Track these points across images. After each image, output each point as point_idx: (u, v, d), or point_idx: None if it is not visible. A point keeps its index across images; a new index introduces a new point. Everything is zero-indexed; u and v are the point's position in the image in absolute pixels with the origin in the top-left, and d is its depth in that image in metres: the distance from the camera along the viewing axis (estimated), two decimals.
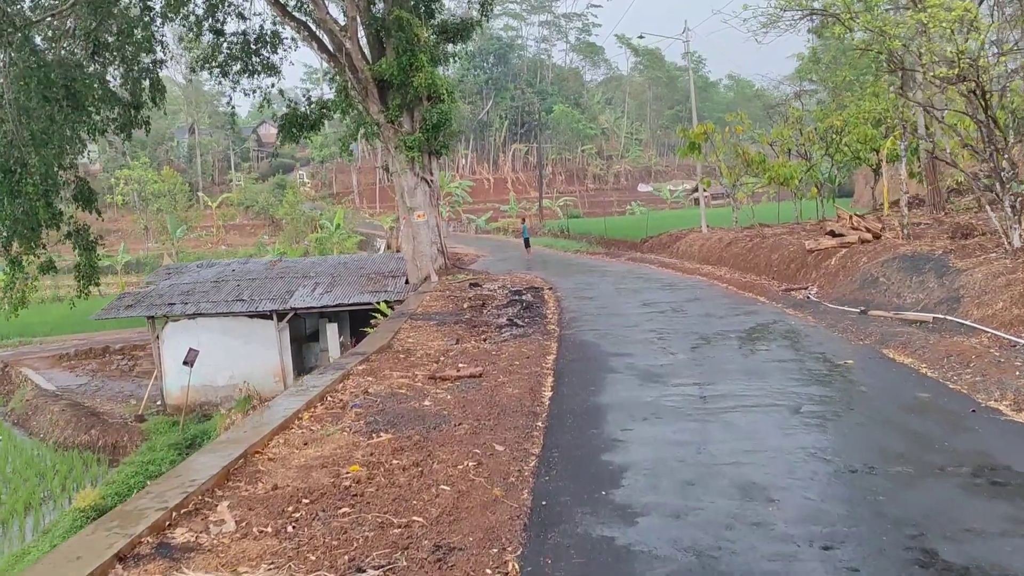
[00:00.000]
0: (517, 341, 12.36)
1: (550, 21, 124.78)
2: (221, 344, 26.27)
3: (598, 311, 15.98)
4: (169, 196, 75.37)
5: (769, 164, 30.09)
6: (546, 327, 14.07)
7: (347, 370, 9.68)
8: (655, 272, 25.45)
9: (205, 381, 26.26)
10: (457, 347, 12.10)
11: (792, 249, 21.07)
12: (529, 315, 15.61)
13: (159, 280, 30.17)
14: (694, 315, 14.65)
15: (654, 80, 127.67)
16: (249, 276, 29.29)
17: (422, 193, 27.29)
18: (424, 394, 8.60)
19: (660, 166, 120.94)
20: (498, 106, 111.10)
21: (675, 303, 16.56)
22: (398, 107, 26.39)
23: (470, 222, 77.48)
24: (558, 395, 8.71)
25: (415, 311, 16.67)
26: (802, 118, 34.53)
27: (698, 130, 28.93)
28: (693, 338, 12.08)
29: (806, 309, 14.79)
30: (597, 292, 19.77)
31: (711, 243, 27.95)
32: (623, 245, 38.89)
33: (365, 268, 30.21)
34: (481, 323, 14.70)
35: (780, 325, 13.11)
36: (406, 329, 13.98)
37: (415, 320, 15.29)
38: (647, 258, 31.17)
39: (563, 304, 17.54)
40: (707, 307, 15.82)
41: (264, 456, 6.40)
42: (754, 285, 19.40)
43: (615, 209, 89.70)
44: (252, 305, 26.14)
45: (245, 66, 29.65)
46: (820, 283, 17.77)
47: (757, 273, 21.81)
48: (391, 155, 27.39)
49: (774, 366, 9.72)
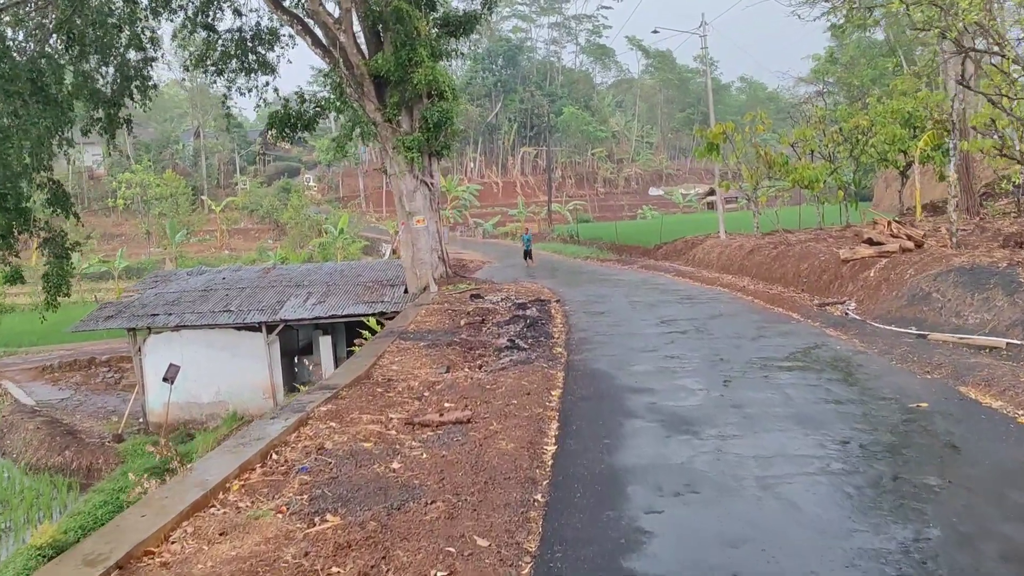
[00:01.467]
0: (518, 369, 10.57)
1: (560, 23, 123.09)
2: (206, 358, 24.59)
3: (611, 330, 14.17)
4: (171, 200, 73.89)
5: (792, 166, 28.23)
6: (552, 350, 12.27)
7: (307, 412, 7.92)
8: (671, 282, 23.61)
9: (189, 398, 24.58)
10: (447, 377, 10.33)
11: (823, 258, 19.20)
12: (533, 335, 13.82)
13: (145, 288, 28.54)
14: (721, 336, 12.82)
15: (665, 82, 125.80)
16: (239, 285, 27.61)
17: (422, 197, 25.56)
18: (395, 450, 6.82)
19: (671, 170, 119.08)
20: (507, 109, 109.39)
21: (697, 320, 14.74)
22: (396, 105, 24.71)
23: (477, 226, 75.78)
24: (564, 451, 6.91)
25: (406, 328, 14.90)
26: (825, 117, 32.66)
27: (716, 130, 27.09)
28: (724, 367, 10.26)
29: (849, 329, 12.93)
30: (609, 306, 17.97)
31: (731, 250, 26.10)
32: (635, 251, 37.07)
33: (362, 276, 28.49)
34: (478, 344, 12.92)
35: (824, 351, 11.27)
36: (392, 352, 12.22)
37: (404, 340, 13.52)
38: (661, 266, 29.33)
39: (571, 320, 15.74)
40: (734, 326, 13.99)
41: (156, 560, 4.62)
42: (783, 298, 17.54)
43: (626, 213, 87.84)
44: (240, 316, 24.44)
45: (242, 64, 28.19)
46: (859, 297, 15.91)
47: (784, 284, 19.96)
48: (389, 156, 25.70)
49: (830, 410, 7.89)
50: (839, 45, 68.86)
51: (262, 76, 28.17)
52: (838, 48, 67.63)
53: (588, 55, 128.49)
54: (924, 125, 29.72)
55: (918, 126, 29.97)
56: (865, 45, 65.90)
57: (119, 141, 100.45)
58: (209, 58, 28.03)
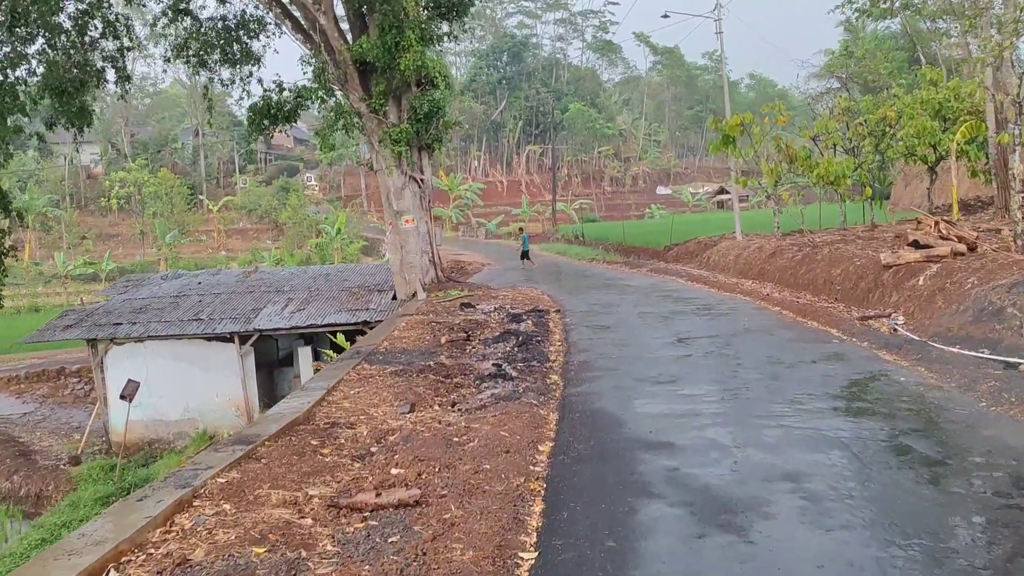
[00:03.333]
0: (500, 409, 8.33)
1: (566, 19, 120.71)
2: (174, 372, 22.43)
3: (617, 351, 11.90)
4: (166, 199, 71.82)
5: (815, 161, 25.90)
6: (545, 379, 10.03)
7: (194, 488, 5.69)
8: (685, 288, 21.33)
9: (155, 415, 22.45)
10: (408, 419, 8.11)
11: (859, 263, 16.89)
12: (525, 357, 11.57)
13: (114, 294, 26.43)
14: (752, 361, 10.54)
15: (673, 79, 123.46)
16: (215, 291, 25.44)
17: (411, 194, 23.38)
18: (298, 560, 4.58)
19: (679, 168, 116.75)
20: (512, 106, 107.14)
21: (719, 339, 12.47)
22: (382, 94, 22.54)
23: (480, 226, 73.55)
24: (547, 564, 4.66)
25: (376, 347, 12.68)
26: (849, 109, 30.29)
27: (733, 121, 24.78)
28: (762, 410, 8.00)
29: (908, 352, 10.65)
30: (615, 318, 15.69)
31: (749, 253, 23.80)
32: (644, 253, 34.78)
33: (349, 281, 26.30)
34: (457, 370, 10.68)
35: (885, 384, 9.00)
36: (350, 382, 10.00)
37: (371, 363, 11.30)
38: (672, 269, 27.04)
39: (572, 337, 13.48)
40: (765, 345, 11.71)
41: None
42: (815, 310, 15.25)
43: (633, 213, 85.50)
44: (210, 326, 22.26)
45: (225, 55, 26.11)
46: (907, 310, 13.61)
47: (813, 292, 17.66)
48: (375, 150, 23.54)
49: (927, 496, 5.58)
50: (854, 40, 66.52)
51: (246, 67, 26.15)
52: (852, 42, 65.25)
53: (594, 51, 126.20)
54: (956, 117, 27.43)
55: (949, 118, 27.66)
56: (881, 38, 63.49)
57: (117, 140, 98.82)
58: (190, 48, 26.07)
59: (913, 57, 62.54)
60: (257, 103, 24.24)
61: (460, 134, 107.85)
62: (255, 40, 26.70)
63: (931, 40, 63.24)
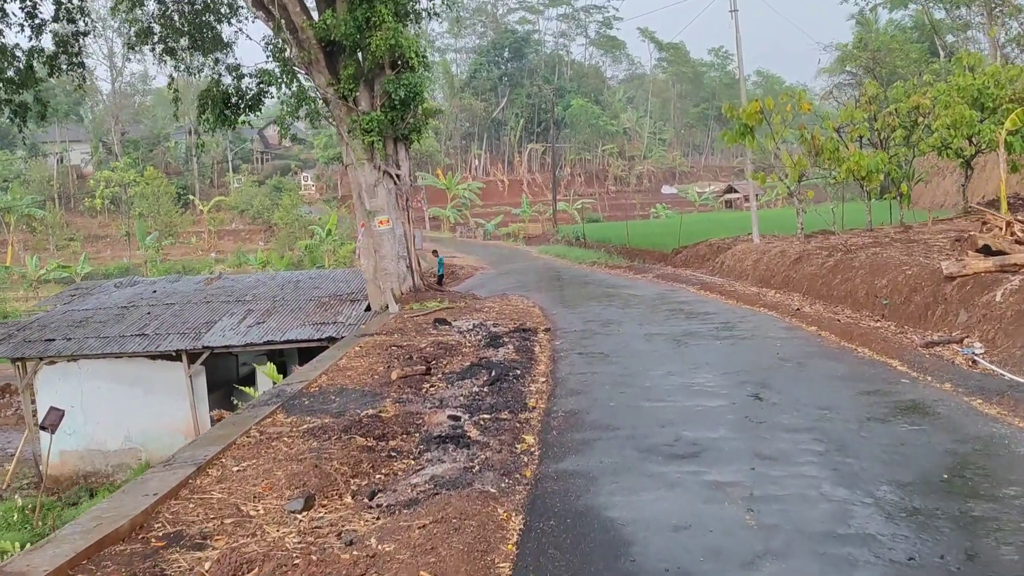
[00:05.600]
0: (438, 508, 5.48)
1: (569, 14, 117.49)
2: (113, 395, 19.62)
3: (618, 395, 9.02)
4: (152, 198, 68.99)
5: (842, 154, 23.02)
6: (516, 443, 7.19)
7: None
8: (698, 299, 18.45)
9: (91, 444, 19.67)
10: (297, 523, 5.30)
11: (909, 272, 14.01)
12: (495, 401, 8.73)
13: (58, 304, 23.67)
14: (801, 416, 7.67)
15: (678, 76, 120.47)
16: (168, 300, 22.64)
17: (385, 192, 20.59)
18: None
19: (685, 167, 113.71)
20: (513, 104, 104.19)
21: (750, 374, 9.61)
22: (352, 78, 19.77)
23: (478, 227, 70.68)
24: None
25: (309, 385, 9.86)
26: (878, 97, 27.41)
27: (751, 108, 21.87)
28: (840, 520, 5.15)
29: (1018, 400, 7.78)
30: (616, 341, 12.81)
31: (770, 257, 20.92)
32: (650, 256, 31.89)
33: (320, 289, 23.49)
34: (400, 427, 7.83)
35: (1005, 456, 6.15)
36: (244, 447, 7.19)
37: (289, 412, 8.49)
38: (682, 275, 24.15)
39: (560, 370, 10.63)
40: (813, 387, 8.85)
41: None
42: (862, 331, 12.36)
43: (638, 213, 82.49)
44: (155, 342, 19.44)
45: (194, 41, 23.53)
46: (985, 334, 10.74)
47: (853, 306, 14.80)
48: (345, 141, 20.76)
49: None
50: (867, 32, 63.67)
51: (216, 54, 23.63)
52: (867, 35, 62.38)
53: (598, 48, 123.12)
54: (996, 105, 24.55)
55: (988, 106, 24.78)
56: (901, 27, 60.57)
57: (108, 139, 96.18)
58: (155, 33, 23.51)
59: (931, 49, 59.69)
60: (211, 91, 21.52)
61: (460, 132, 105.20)
62: (224, 24, 24.21)
63: (950, 30, 60.40)
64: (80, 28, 24.18)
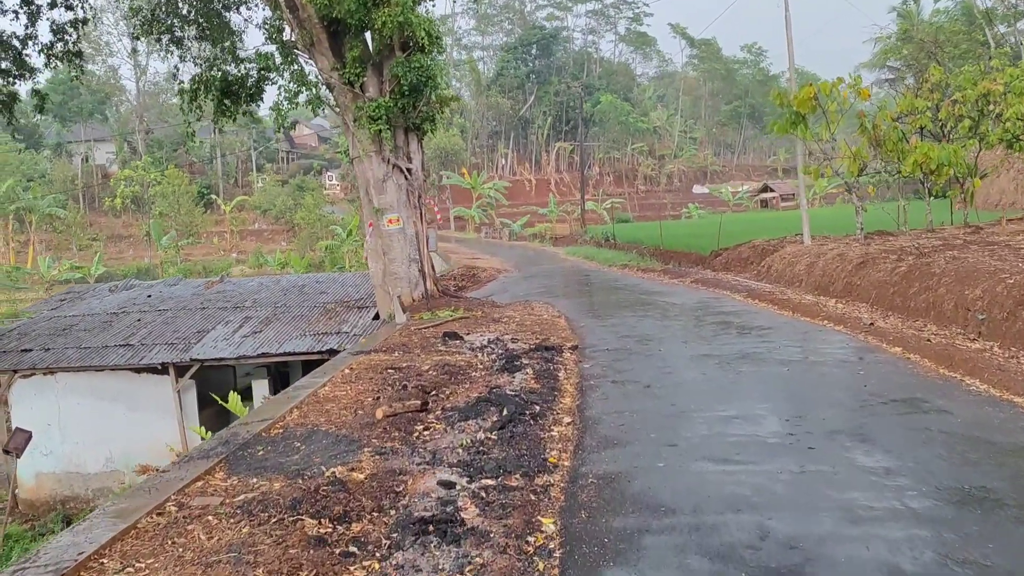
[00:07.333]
0: None
1: (598, 10, 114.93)
2: (93, 411, 17.77)
3: (665, 445, 6.81)
4: (172, 198, 67.69)
5: (905, 146, 20.56)
6: (528, 527, 5.04)
7: None
8: (747, 309, 16.13)
9: (70, 467, 17.84)
10: None
11: (1011, 281, 11.62)
12: (505, 455, 6.58)
13: (45, 309, 21.93)
14: (924, 482, 5.45)
15: (710, 73, 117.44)
16: (161, 307, 20.80)
17: (395, 187, 18.54)
18: None
19: (717, 166, 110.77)
20: (541, 102, 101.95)
21: (837, 416, 7.35)
22: (358, 61, 17.76)
23: (504, 227, 68.56)
24: None
25: (269, 426, 7.78)
26: (941, 84, 24.84)
27: (804, 94, 19.46)
28: None
29: None
30: (658, 365, 10.57)
31: (826, 261, 18.52)
32: (685, 259, 29.52)
33: (327, 294, 21.56)
34: (368, 502, 5.71)
35: None
36: (147, 532, 5.12)
37: (232, 469, 6.42)
38: (724, 280, 21.81)
39: (590, 405, 8.44)
40: (928, 440, 6.57)
41: None
42: (964, 355, 10.00)
43: (669, 213, 79.81)
44: (139, 354, 17.55)
45: (201, 30, 21.88)
46: None
47: (938, 321, 12.43)
48: (349, 132, 18.75)
49: None
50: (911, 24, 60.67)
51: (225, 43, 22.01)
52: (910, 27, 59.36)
53: (628, 44, 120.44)
54: None
55: None
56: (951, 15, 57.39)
57: (133, 138, 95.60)
58: (162, 22, 21.91)
59: (982, 42, 56.51)
60: (205, 75, 19.69)
61: (487, 131, 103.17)
62: (233, 12, 22.54)
63: (1003, 20, 57.15)
64: (78, 16, 22.72)
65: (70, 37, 22.74)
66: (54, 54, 22.44)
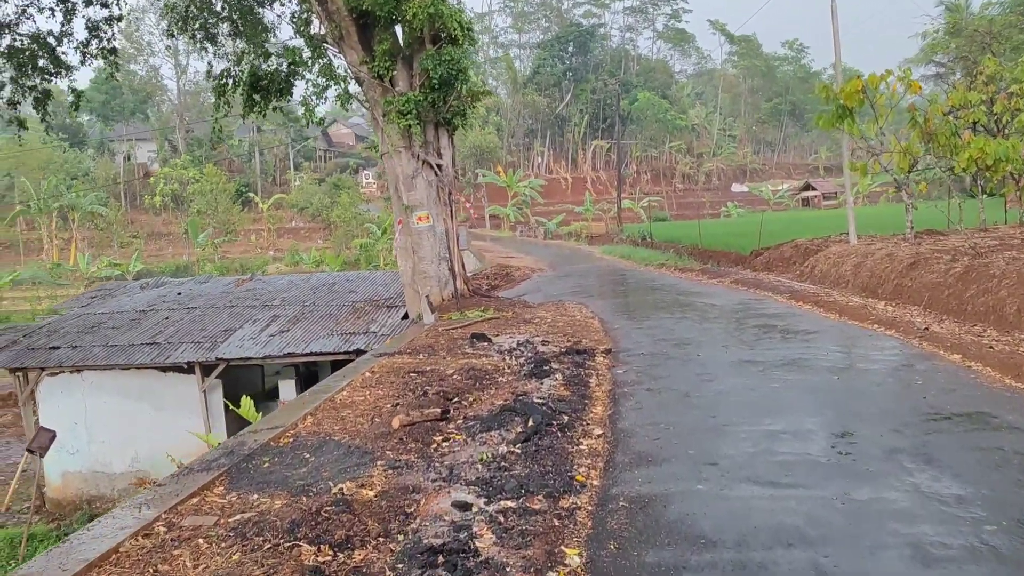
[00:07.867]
0: None
1: (636, 7, 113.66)
2: (120, 410, 17.58)
3: (706, 464, 6.16)
4: (210, 196, 68.21)
5: (958, 141, 19.53)
6: (550, 561, 4.48)
7: None
8: (790, 312, 15.35)
9: (96, 466, 17.67)
10: None
11: None
12: (527, 473, 6.01)
13: (75, 306, 21.87)
14: (1007, 516, 4.79)
15: (750, 70, 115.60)
16: (190, 304, 20.61)
17: (425, 184, 18.06)
18: None
19: (756, 164, 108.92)
20: (577, 100, 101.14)
21: (896, 432, 6.66)
22: (387, 54, 17.29)
23: (539, 225, 67.97)
24: None
25: (280, 434, 7.31)
26: (997, 76, 23.72)
27: (851, 87, 18.56)
28: None
29: None
30: (696, 372, 9.91)
31: (874, 261, 17.65)
32: (725, 258, 28.70)
33: (357, 292, 21.20)
34: (375, 525, 5.18)
35: None
36: (129, 557, 4.64)
37: (233, 483, 5.96)
38: (765, 281, 21.00)
39: (622, 414, 7.83)
40: (1003, 463, 5.88)
41: None
42: None
43: (707, 211, 78.51)
44: (165, 352, 17.31)
45: (235, 27, 21.70)
46: None
47: (999, 326, 11.60)
48: (379, 127, 18.32)
49: None
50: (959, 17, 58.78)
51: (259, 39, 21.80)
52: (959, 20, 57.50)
53: (666, 41, 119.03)
54: None
55: None
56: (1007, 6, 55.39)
57: (174, 137, 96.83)
58: (196, 19, 21.79)
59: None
60: (228, 69, 19.49)
61: (523, 129, 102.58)
62: (266, 8, 22.30)
63: None
64: (113, 13, 22.68)
65: (105, 34, 22.70)
66: (89, 51, 22.41)
